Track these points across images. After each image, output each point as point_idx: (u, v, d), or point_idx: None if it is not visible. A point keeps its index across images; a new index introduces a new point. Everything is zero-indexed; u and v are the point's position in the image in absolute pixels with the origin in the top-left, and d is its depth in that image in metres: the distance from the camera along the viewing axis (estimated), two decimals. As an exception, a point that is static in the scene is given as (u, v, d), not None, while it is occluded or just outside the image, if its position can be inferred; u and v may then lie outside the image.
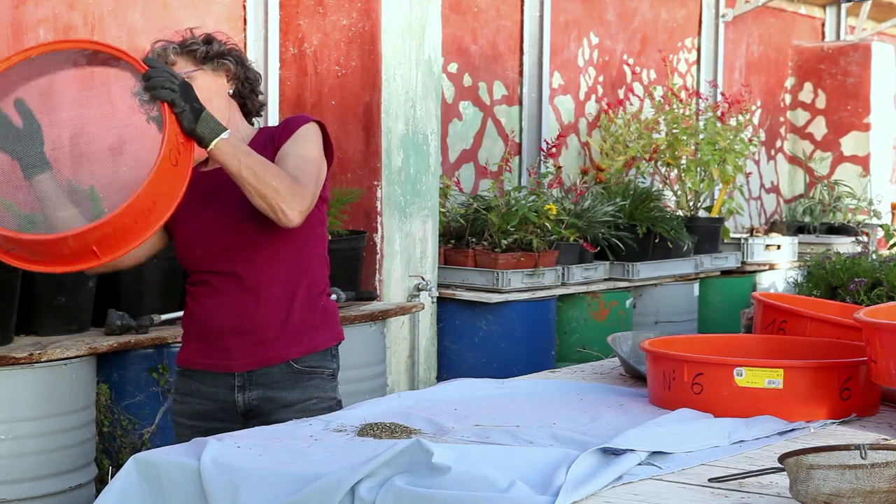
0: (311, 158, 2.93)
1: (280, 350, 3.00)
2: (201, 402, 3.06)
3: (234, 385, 3.02)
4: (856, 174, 10.00)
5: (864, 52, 10.04)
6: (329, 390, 3.06)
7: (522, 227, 6.09)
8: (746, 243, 8.09)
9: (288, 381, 3.01)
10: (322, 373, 3.06)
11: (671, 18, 8.83)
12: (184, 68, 2.97)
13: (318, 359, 3.05)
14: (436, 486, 2.13)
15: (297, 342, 3.02)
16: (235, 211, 2.96)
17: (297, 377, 3.02)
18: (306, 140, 2.97)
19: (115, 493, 2.43)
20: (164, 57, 2.98)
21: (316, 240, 3.07)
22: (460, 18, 7.08)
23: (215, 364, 3.04)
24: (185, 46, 3.01)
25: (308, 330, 3.03)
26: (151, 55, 2.96)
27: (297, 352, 3.02)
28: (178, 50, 3.01)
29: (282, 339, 3.00)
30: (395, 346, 5.75)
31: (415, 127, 5.78)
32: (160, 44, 3.03)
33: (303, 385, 3.02)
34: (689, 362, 2.79)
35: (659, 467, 2.33)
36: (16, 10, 4.83)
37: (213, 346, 3.03)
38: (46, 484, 4.08)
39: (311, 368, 3.04)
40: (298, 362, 3.02)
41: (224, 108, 3.01)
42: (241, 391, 3.02)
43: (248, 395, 3.01)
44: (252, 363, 3.01)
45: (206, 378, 3.05)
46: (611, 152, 7.76)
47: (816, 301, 3.77)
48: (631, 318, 6.72)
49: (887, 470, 1.98)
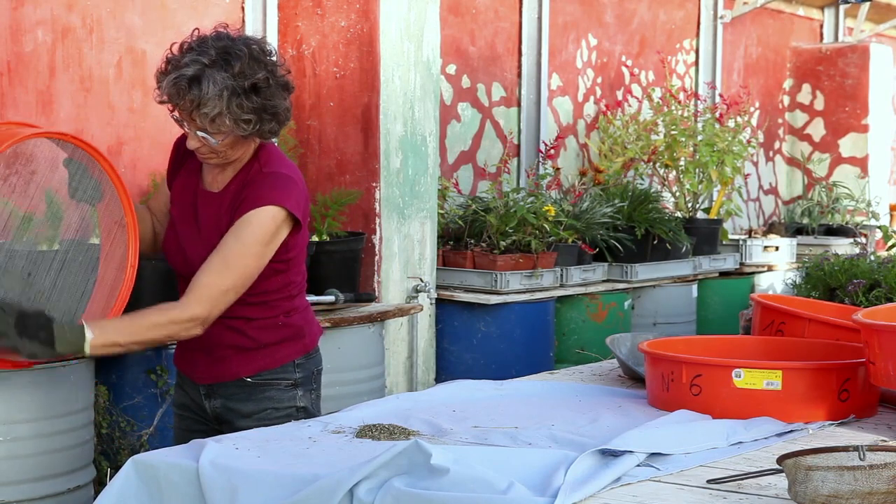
0: (239, 255, 2.90)
1: (234, 368, 3.08)
2: (186, 397, 3.21)
3: (201, 393, 3.14)
4: (854, 175, 10.00)
5: (862, 53, 10.04)
6: (286, 400, 3.10)
7: (521, 229, 6.09)
8: (745, 245, 8.09)
9: (243, 394, 3.09)
10: (278, 384, 3.10)
11: (669, 20, 8.83)
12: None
13: (275, 372, 3.09)
14: (434, 487, 2.13)
15: (251, 361, 3.08)
16: (209, 233, 3.01)
17: (250, 390, 3.09)
18: (248, 229, 2.91)
19: (114, 495, 2.43)
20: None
21: (279, 273, 3.04)
22: (459, 20, 7.08)
23: (187, 372, 3.18)
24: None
25: (264, 349, 3.08)
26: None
27: (250, 370, 3.08)
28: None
29: (236, 358, 3.07)
30: (394, 347, 5.75)
31: (413, 128, 5.78)
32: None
33: (256, 397, 3.08)
34: (687, 364, 2.79)
35: (657, 468, 2.33)
36: (14, 12, 4.83)
37: (183, 356, 3.18)
38: (45, 486, 4.07)
39: (266, 381, 3.09)
40: (252, 377, 3.08)
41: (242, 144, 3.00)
42: (207, 399, 3.13)
43: (213, 403, 3.12)
44: (209, 378, 3.11)
45: (185, 381, 3.21)
46: (609, 154, 7.76)
47: (815, 302, 3.77)
48: (629, 319, 6.72)
49: (886, 471, 1.98)
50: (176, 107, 2.90)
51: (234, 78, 2.87)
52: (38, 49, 4.92)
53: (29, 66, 4.89)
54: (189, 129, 2.92)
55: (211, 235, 2.99)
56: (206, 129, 2.89)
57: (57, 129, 2.83)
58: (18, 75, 4.86)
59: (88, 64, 5.10)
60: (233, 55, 2.88)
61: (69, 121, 5.03)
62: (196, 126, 2.90)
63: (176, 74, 2.86)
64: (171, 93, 2.88)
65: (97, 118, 5.14)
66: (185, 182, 3.11)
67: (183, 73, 2.85)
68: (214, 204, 3.02)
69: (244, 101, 2.88)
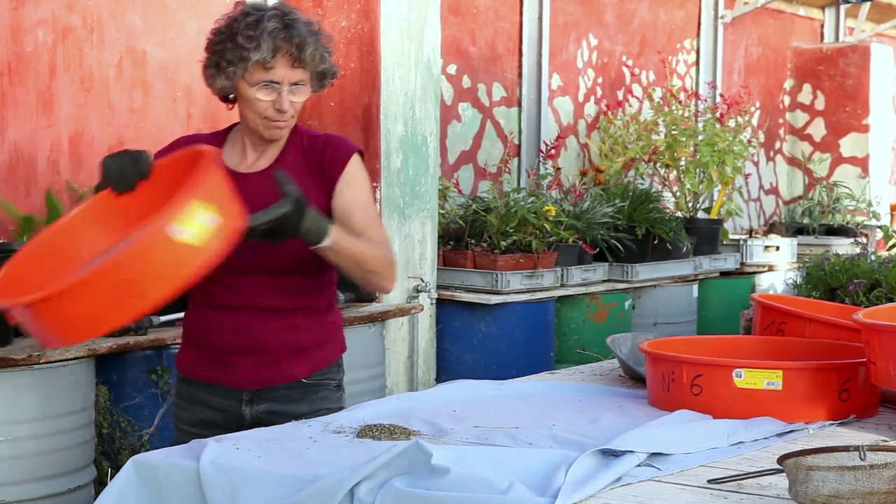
0: (373, 207, 3.01)
1: (287, 370, 2.99)
2: (205, 412, 3.02)
3: (242, 399, 2.99)
4: (855, 175, 10.00)
5: (862, 53, 10.04)
6: (336, 401, 3.05)
7: (521, 229, 6.09)
8: (745, 244, 8.09)
9: (296, 395, 3.00)
10: (328, 385, 3.06)
11: (670, 20, 8.83)
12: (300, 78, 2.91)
13: (324, 373, 3.05)
14: (435, 487, 2.13)
15: (305, 361, 3.01)
16: None
17: (304, 391, 3.01)
18: (362, 184, 2.98)
19: (114, 495, 2.43)
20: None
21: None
22: (459, 20, 7.08)
23: (221, 379, 3.00)
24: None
25: (315, 349, 3.02)
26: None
27: (305, 370, 3.01)
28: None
29: (289, 360, 2.99)
30: (395, 347, 5.75)
31: (414, 128, 5.78)
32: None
33: (310, 398, 3.01)
34: (688, 363, 2.79)
35: (658, 468, 2.33)
36: (15, 12, 4.84)
37: (217, 361, 2.99)
38: (45, 486, 4.07)
39: (317, 382, 3.03)
40: (307, 378, 3.02)
41: None
42: (249, 405, 2.99)
43: (256, 409, 2.99)
44: (259, 382, 2.98)
45: (211, 390, 3.01)
46: (610, 154, 7.76)
47: (815, 302, 3.77)
48: (630, 319, 6.72)
49: (886, 471, 1.98)
50: (276, 60, 2.83)
51: (303, 20, 2.91)
52: (38, 49, 4.92)
53: (29, 66, 4.90)
54: (283, 89, 2.86)
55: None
56: (301, 81, 2.87)
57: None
58: (19, 75, 4.86)
59: (89, 64, 5.10)
60: (284, 4, 2.94)
61: (69, 121, 5.04)
62: (296, 77, 2.87)
63: (274, 26, 2.82)
64: (279, 44, 2.82)
65: (97, 118, 5.14)
66: None
67: (275, 24, 2.83)
68: (268, 180, 2.86)
69: (319, 38, 2.92)
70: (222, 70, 2.88)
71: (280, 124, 2.91)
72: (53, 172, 4.98)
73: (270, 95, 2.87)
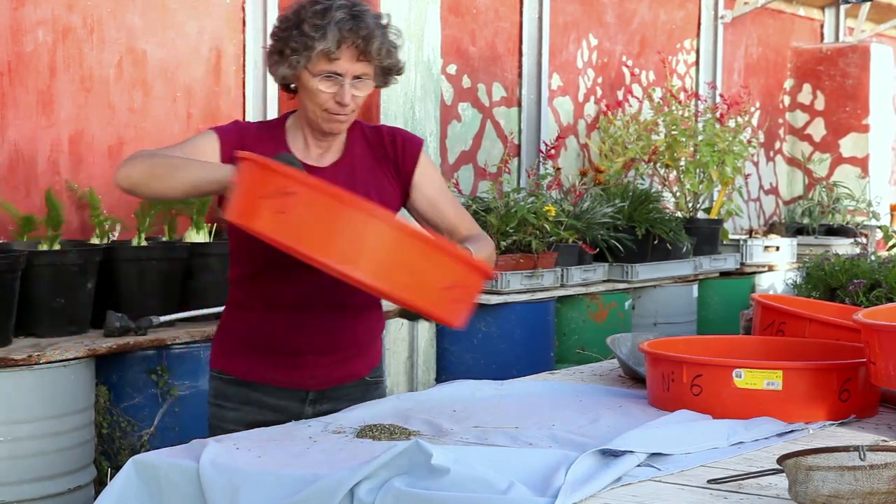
0: (450, 191, 3.04)
1: (353, 368, 2.99)
2: (262, 413, 2.93)
3: (307, 399, 2.96)
4: (855, 176, 10.00)
5: (862, 53, 10.04)
6: (384, 397, 3.06)
7: (521, 229, 6.08)
8: (745, 245, 8.09)
9: (358, 393, 3.00)
10: (382, 382, 3.09)
11: (670, 20, 8.83)
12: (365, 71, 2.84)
13: (378, 368, 3.07)
14: (435, 487, 2.13)
15: (367, 358, 3.02)
16: None
17: (366, 388, 3.02)
18: (437, 172, 3.03)
19: (114, 495, 2.42)
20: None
21: None
22: (459, 20, 7.08)
23: (285, 381, 2.93)
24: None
25: (370, 344, 3.03)
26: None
27: (367, 368, 3.02)
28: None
29: (356, 357, 2.99)
30: (394, 347, 5.75)
31: (413, 128, 5.77)
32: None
33: (370, 395, 3.01)
34: (688, 364, 2.79)
35: (658, 469, 2.33)
36: (15, 12, 4.84)
37: (283, 363, 2.91)
38: (45, 486, 4.07)
39: (376, 380, 3.05)
40: (369, 376, 3.03)
41: None
42: (312, 405, 2.96)
43: (319, 409, 2.96)
44: (329, 382, 2.96)
45: (271, 390, 2.94)
46: (610, 154, 7.76)
47: (815, 302, 3.76)
48: (630, 319, 6.72)
49: (886, 471, 1.98)
50: (341, 52, 2.76)
51: (371, 12, 2.83)
52: (38, 49, 4.92)
53: (29, 66, 4.90)
54: (345, 82, 2.79)
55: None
56: (365, 74, 2.81)
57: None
58: (19, 75, 4.86)
59: (89, 64, 5.11)
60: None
61: (69, 121, 5.04)
62: (359, 70, 2.80)
63: (342, 16, 2.75)
64: (345, 35, 2.75)
65: (97, 118, 5.14)
66: None
67: (342, 14, 2.76)
68: (341, 175, 2.86)
69: (387, 31, 2.86)
70: (286, 58, 2.80)
71: (340, 118, 2.85)
72: (53, 172, 4.98)
73: (332, 87, 2.80)
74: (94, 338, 4.37)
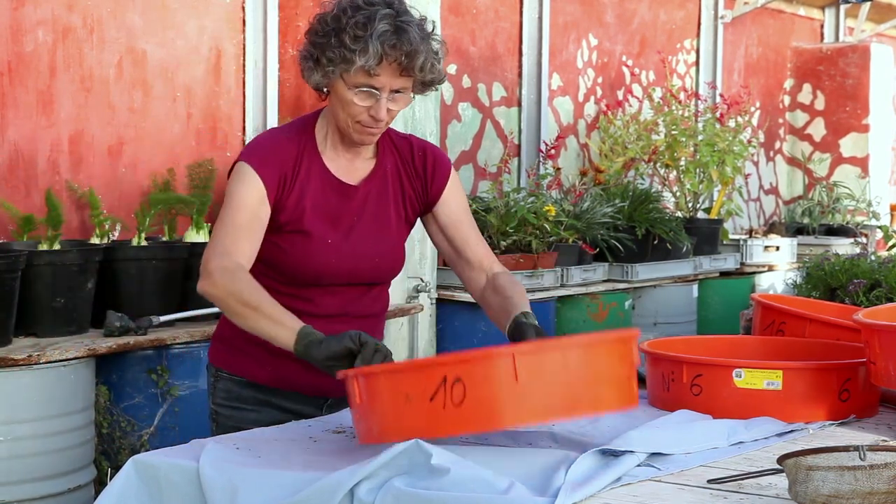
0: (471, 213, 3.00)
1: None
2: (284, 416, 2.86)
3: (324, 405, 2.91)
4: (855, 175, 10.00)
5: (862, 53, 10.04)
6: None
7: (521, 229, 6.08)
8: (745, 244, 8.09)
9: None
10: None
11: (670, 20, 8.83)
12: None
13: None
14: (435, 487, 2.13)
15: None
16: (374, 238, 2.82)
17: None
18: (463, 194, 2.97)
19: (114, 495, 2.42)
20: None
21: None
22: (459, 20, 7.08)
23: (305, 387, 2.86)
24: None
25: None
26: None
27: None
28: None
29: None
30: (395, 347, 5.75)
31: (413, 128, 5.77)
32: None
33: None
34: (688, 363, 2.79)
35: (658, 468, 2.33)
36: (14, 12, 4.84)
37: (307, 370, 2.70)
38: (45, 485, 4.08)
39: None
40: None
41: None
42: (330, 409, 2.92)
43: (334, 412, 2.92)
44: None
45: (290, 396, 2.88)
46: (610, 154, 7.76)
47: (815, 302, 3.76)
48: (630, 319, 6.72)
49: (886, 471, 1.98)
50: (381, 68, 2.60)
51: (416, 22, 2.65)
52: (38, 49, 4.92)
53: (29, 66, 4.89)
54: (382, 97, 2.65)
55: (389, 221, 2.82)
56: (403, 88, 2.67)
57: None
58: (19, 75, 4.86)
59: (89, 64, 5.10)
60: (399, 1, 2.68)
61: (69, 121, 5.04)
62: (398, 84, 2.65)
63: (384, 28, 2.58)
64: (387, 51, 2.58)
65: (97, 118, 5.14)
66: (306, 191, 2.76)
67: (385, 26, 2.58)
68: (373, 193, 2.81)
69: (431, 44, 2.66)
70: (321, 66, 2.66)
71: (373, 131, 2.72)
72: (53, 172, 4.98)
73: (367, 101, 2.65)
74: (94, 337, 4.37)
